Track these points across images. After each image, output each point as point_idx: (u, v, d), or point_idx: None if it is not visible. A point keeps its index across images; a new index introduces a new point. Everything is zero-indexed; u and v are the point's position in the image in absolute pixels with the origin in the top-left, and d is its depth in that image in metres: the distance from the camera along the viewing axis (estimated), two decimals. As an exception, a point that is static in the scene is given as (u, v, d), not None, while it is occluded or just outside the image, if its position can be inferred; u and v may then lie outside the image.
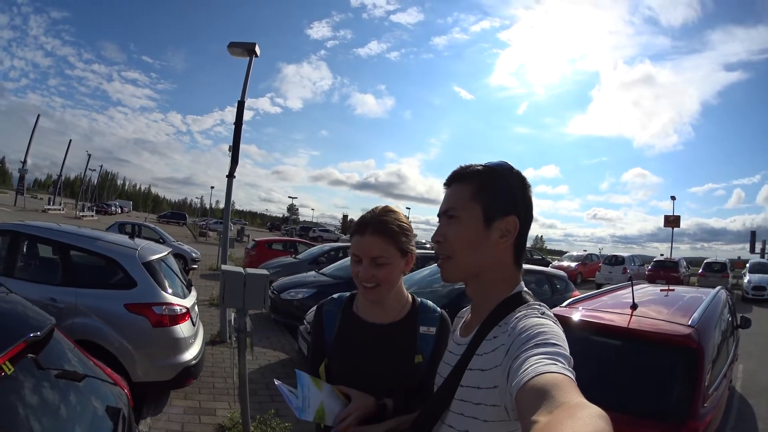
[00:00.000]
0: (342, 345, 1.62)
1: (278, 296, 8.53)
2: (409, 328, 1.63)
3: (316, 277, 9.40)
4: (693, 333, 3.22)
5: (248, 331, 3.63)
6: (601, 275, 24.69)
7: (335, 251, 13.33)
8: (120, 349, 4.20)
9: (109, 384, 2.47)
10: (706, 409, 2.98)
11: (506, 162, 1.24)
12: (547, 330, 0.95)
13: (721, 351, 4.01)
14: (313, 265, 11.89)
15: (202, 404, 4.84)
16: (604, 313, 3.78)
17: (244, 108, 8.73)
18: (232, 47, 8.39)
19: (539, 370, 0.79)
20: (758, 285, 20.54)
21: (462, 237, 1.18)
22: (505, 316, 1.11)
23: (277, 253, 16.21)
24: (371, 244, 1.55)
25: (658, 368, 3.19)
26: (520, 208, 1.18)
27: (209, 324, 7.80)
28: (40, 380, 1.89)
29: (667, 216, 36.78)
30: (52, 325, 2.19)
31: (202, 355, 4.97)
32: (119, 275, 4.49)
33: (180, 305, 4.64)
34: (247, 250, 17.51)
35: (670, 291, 5.49)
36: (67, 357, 2.26)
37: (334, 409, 1.41)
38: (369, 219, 1.59)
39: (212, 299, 10.11)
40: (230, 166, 8.41)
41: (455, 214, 1.19)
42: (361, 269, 1.56)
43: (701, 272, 24.52)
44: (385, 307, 1.64)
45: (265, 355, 6.92)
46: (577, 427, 0.58)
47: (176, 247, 14.97)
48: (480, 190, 1.18)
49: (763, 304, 19.12)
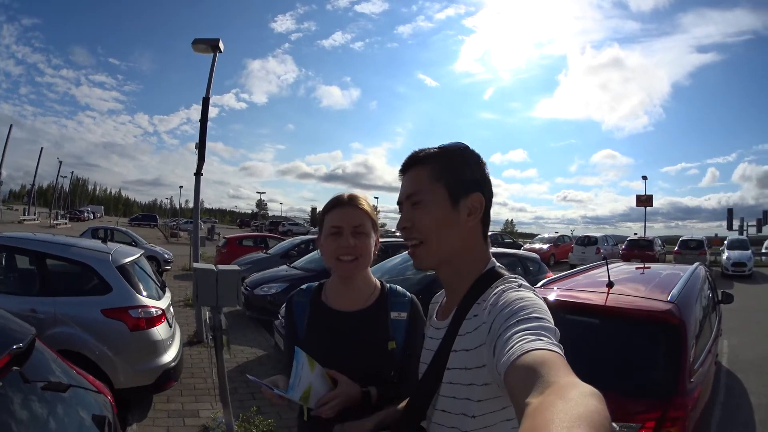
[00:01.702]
0: (314, 335, 1.62)
1: (251, 292, 8.51)
2: (380, 315, 1.64)
3: (287, 271, 9.43)
4: (673, 308, 3.19)
5: (224, 329, 3.61)
6: (575, 256, 25.02)
7: (305, 244, 13.39)
8: (100, 356, 4.15)
9: (92, 392, 2.45)
10: (693, 384, 2.96)
11: (460, 142, 1.23)
12: (527, 304, 0.94)
13: (704, 326, 3.98)
14: (284, 259, 11.91)
15: (185, 406, 4.82)
16: (579, 292, 3.74)
17: (209, 105, 8.67)
18: (197, 44, 8.34)
19: (525, 348, 0.78)
20: (738, 261, 21.03)
21: (431, 220, 1.16)
22: (483, 293, 1.10)
23: (248, 250, 16.14)
24: (352, 214, 1.60)
25: (640, 345, 3.16)
26: (481, 184, 1.19)
27: (185, 324, 7.73)
28: (27, 393, 1.86)
29: (640, 196, 36.68)
30: (33, 336, 2.17)
31: (181, 357, 4.94)
32: (94, 281, 4.43)
33: (155, 307, 4.61)
34: (218, 248, 17.38)
35: (646, 269, 5.45)
36: (50, 367, 2.24)
37: (320, 392, 1.40)
38: (344, 195, 1.64)
39: (187, 299, 10.02)
40: (197, 164, 8.37)
41: (420, 198, 1.18)
42: (341, 240, 1.57)
43: (677, 250, 24.87)
44: (354, 294, 1.65)
45: (243, 353, 6.91)
46: (569, 407, 0.57)
47: (148, 249, 14.78)
48: (441, 171, 1.17)
49: (744, 280, 19.63)
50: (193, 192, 8.59)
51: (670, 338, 3.05)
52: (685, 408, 2.79)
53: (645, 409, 2.73)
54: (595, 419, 0.55)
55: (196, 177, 8.35)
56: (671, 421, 2.68)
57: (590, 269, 5.00)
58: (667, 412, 2.70)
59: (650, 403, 2.77)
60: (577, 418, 0.54)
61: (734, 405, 5.48)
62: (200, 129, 8.49)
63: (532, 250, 22.80)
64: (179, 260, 17.24)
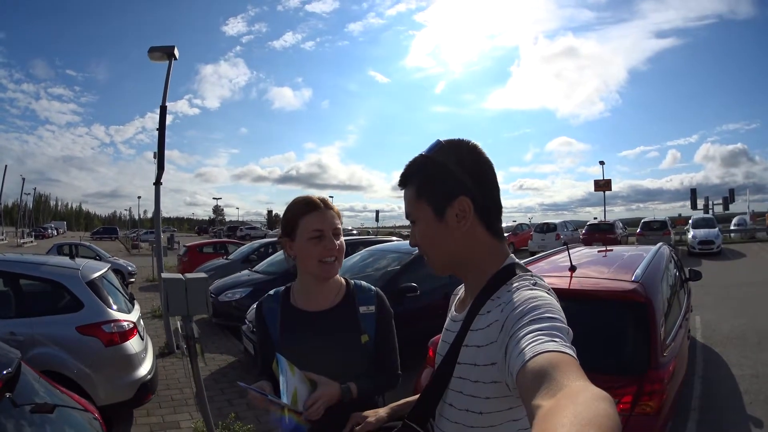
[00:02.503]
0: (289, 338, 1.64)
1: (216, 299, 8.41)
2: (350, 310, 1.68)
3: (250, 275, 9.37)
4: (639, 288, 3.22)
5: (197, 338, 3.59)
6: (534, 243, 25.21)
7: (264, 247, 13.39)
8: (80, 375, 4.11)
9: (79, 410, 2.48)
10: (666, 358, 3.03)
11: (438, 141, 1.21)
12: (541, 303, 0.94)
13: (672, 304, 4.04)
14: (245, 263, 11.87)
15: (165, 419, 4.79)
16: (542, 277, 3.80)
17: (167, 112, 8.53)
18: (152, 52, 8.22)
19: (537, 350, 0.78)
20: (705, 239, 21.70)
21: (425, 237, 1.20)
22: (497, 290, 1.10)
23: (208, 257, 16.04)
24: (331, 216, 1.65)
25: (609, 326, 3.21)
26: (465, 182, 1.16)
27: (155, 336, 7.61)
28: (18, 419, 1.88)
29: (598, 181, 36.69)
30: (18, 360, 2.19)
31: (156, 369, 4.92)
32: (66, 298, 4.37)
33: (127, 320, 4.56)
34: (179, 257, 17.19)
35: (608, 251, 5.46)
36: (36, 389, 2.26)
37: (303, 395, 1.45)
38: (314, 199, 1.67)
39: (154, 311, 9.86)
40: (156, 173, 8.20)
41: (413, 217, 1.22)
42: (326, 243, 1.61)
43: (640, 231, 25.27)
44: (324, 293, 1.69)
45: (214, 360, 6.87)
46: (580, 411, 0.57)
47: (113, 263, 14.48)
48: (421, 188, 1.19)
49: (713, 257, 20.24)
50: (153, 202, 8.44)
51: (638, 316, 3.10)
52: (660, 381, 2.86)
53: (621, 386, 2.78)
54: (605, 423, 0.56)
55: (156, 186, 8.20)
56: (648, 395, 2.77)
57: (551, 255, 5.02)
58: (643, 386, 2.79)
59: (625, 379, 2.83)
60: (587, 422, 0.55)
61: (715, 378, 5.63)
62: (159, 138, 8.32)
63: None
64: (142, 271, 16.91)
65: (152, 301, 10.92)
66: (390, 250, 7.62)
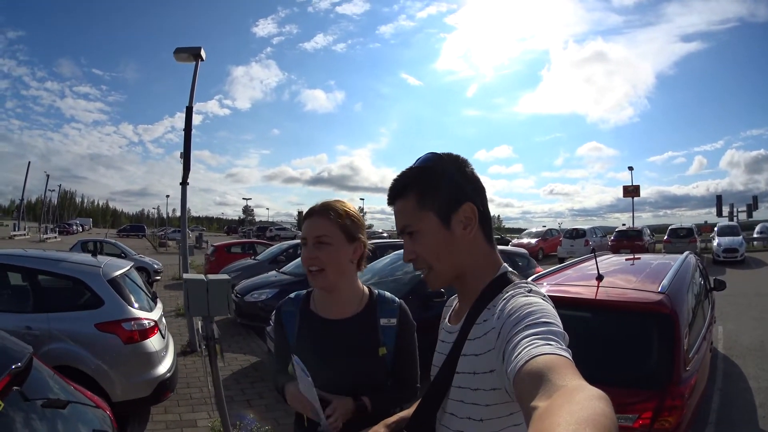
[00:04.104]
0: (304, 345, 1.60)
1: (242, 299, 8.46)
2: (370, 321, 1.63)
3: (277, 276, 9.39)
4: (664, 299, 3.17)
5: (217, 339, 3.61)
6: (563, 249, 24.96)
7: (293, 249, 13.27)
8: (97, 371, 4.14)
9: (91, 407, 2.47)
10: (688, 373, 2.97)
11: (432, 153, 1.21)
12: (536, 309, 0.94)
13: (697, 315, 3.96)
14: (273, 264, 11.84)
15: (183, 417, 4.82)
16: (569, 286, 3.70)
17: (193, 113, 8.61)
18: (178, 53, 8.27)
19: (533, 353, 0.78)
20: (729, 247, 21.19)
21: (430, 248, 1.17)
22: (493, 299, 1.10)
23: (236, 257, 16.05)
24: (315, 224, 1.59)
25: (633, 337, 3.15)
26: (467, 191, 1.17)
27: (178, 334, 7.71)
28: (29, 412, 1.88)
29: (626, 186, 36.44)
30: (30, 354, 2.18)
31: (176, 367, 4.94)
32: (87, 295, 4.41)
33: (148, 319, 4.59)
34: (207, 256, 17.28)
35: (635, 260, 5.38)
36: (48, 384, 2.26)
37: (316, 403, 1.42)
38: (316, 205, 1.64)
39: (178, 309, 9.96)
40: (183, 173, 8.29)
41: (413, 229, 1.18)
42: (305, 251, 1.59)
43: (667, 239, 24.89)
44: (341, 301, 1.64)
45: (236, 360, 6.90)
46: (576, 410, 0.57)
47: (138, 260, 14.76)
48: (423, 197, 1.17)
49: (737, 266, 19.79)
50: (180, 201, 8.52)
51: (662, 329, 3.05)
52: (681, 397, 2.79)
53: (641, 400, 2.72)
54: (601, 422, 0.55)
55: (182, 187, 8.27)
56: (668, 410, 2.71)
57: (579, 263, 4.96)
58: (664, 401, 2.71)
59: (646, 393, 2.77)
60: (584, 422, 0.55)
61: (733, 391, 5.48)
62: (185, 138, 8.40)
63: (520, 245, 22.87)
64: (168, 270, 17.17)
65: (177, 300, 11.05)
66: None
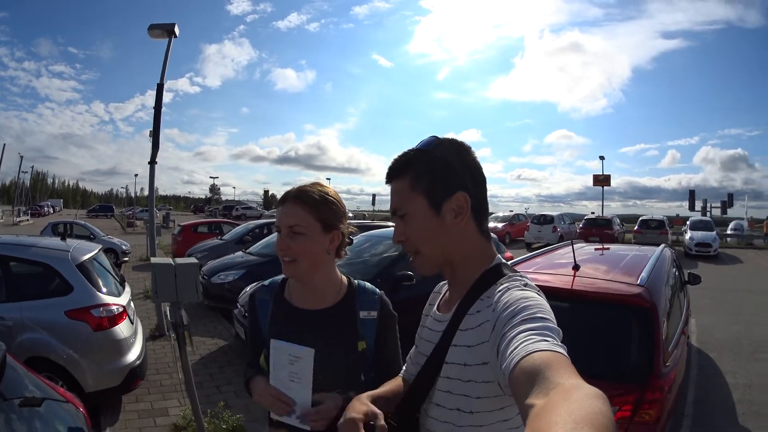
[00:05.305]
0: (276, 335, 1.46)
1: (209, 281, 8.31)
2: (348, 313, 1.54)
3: (243, 257, 9.23)
4: (644, 292, 3.15)
5: (186, 325, 3.52)
6: (531, 234, 25.23)
7: (260, 228, 13.14)
8: (68, 360, 4.05)
9: (63, 403, 2.43)
10: (668, 367, 2.98)
11: (434, 137, 1.20)
12: (532, 304, 0.94)
13: (674, 308, 3.97)
14: (239, 245, 11.70)
15: (154, 405, 4.77)
16: (543, 275, 3.61)
17: (164, 91, 8.40)
18: (152, 29, 8.05)
19: (529, 349, 0.78)
20: (702, 242, 21.85)
21: (418, 232, 1.16)
22: (487, 290, 1.09)
23: (203, 236, 15.84)
24: (288, 212, 1.49)
25: (612, 330, 3.13)
26: (464, 178, 1.15)
27: (146, 318, 7.57)
28: (8, 412, 1.85)
29: (597, 175, 36.17)
30: (4, 352, 2.14)
31: (145, 353, 4.86)
32: (56, 281, 4.30)
33: (116, 304, 4.49)
34: (174, 236, 17.04)
35: (606, 250, 5.35)
36: (23, 382, 2.22)
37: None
38: (292, 190, 1.53)
39: (146, 291, 9.76)
40: (152, 151, 8.08)
41: (404, 211, 1.17)
42: (278, 240, 1.50)
43: (637, 229, 25.29)
44: (317, 291, 1.55)
45: (204, 344, 6.82)
46: (573, 409, 0.58)
47: (106, 242, 14.48)
48: (418, 180, 1.15)
49: (710, 260, 20.43)
50: (148, 180, 8.34)
51: (642, 322, 3.04)
52: (661, 390, 2.82)
53: (621, 393, 2.72)
54: (598, 420, 0.56)
55: (151, 165, 8.07)
56: (648, 403, 2.72)
57: (552, 250, 4.94)
58: (644, 394, 2.73)
59: (626, 386, 2.77)
60: (581, 420, 0.55)
61: (709, 385, 5.61)
62: (154, 116, 8.21)
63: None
64: (136, 250, 16.83)
65: (145, 281, 10.81)
66: (386, 237, 7.29)
